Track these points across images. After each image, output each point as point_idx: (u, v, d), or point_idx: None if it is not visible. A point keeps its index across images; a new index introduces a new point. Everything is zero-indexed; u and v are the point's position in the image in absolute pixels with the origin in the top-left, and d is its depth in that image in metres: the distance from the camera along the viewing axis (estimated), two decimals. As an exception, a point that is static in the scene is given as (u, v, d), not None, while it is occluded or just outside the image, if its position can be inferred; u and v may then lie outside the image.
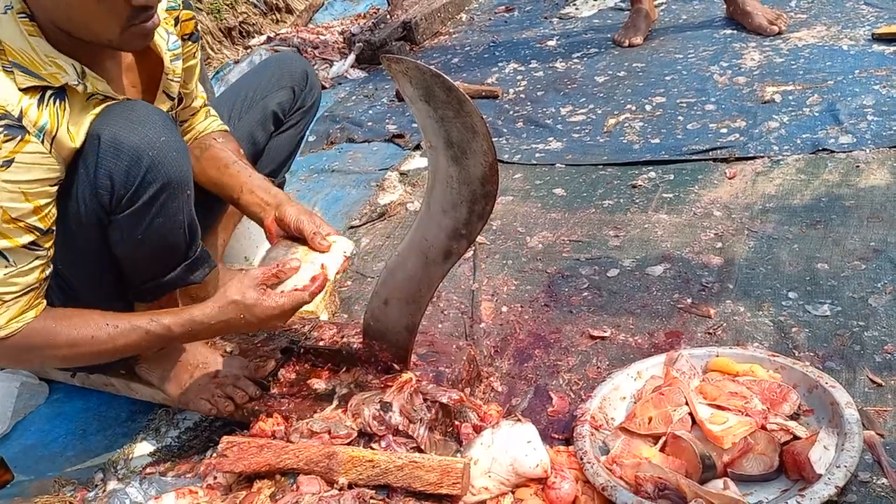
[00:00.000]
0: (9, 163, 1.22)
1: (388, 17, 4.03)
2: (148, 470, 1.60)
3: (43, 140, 1.26)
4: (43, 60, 1.27)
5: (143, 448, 1.68)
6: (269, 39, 4.42)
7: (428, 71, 1.12)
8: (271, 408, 1.55)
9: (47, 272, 1.36)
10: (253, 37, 4.69)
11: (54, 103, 1.28)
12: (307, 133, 2.07)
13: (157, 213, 1.40)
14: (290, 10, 5.01)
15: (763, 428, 1.29)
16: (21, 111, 1.23)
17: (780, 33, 2.97)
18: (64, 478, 1.66)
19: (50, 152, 1.28)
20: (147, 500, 1.41)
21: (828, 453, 1.22)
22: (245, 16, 4.77)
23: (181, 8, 1.56)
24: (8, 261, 1.28)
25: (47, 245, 1.33)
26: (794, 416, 1.34)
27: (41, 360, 1.45)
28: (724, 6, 3.22)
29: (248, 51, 4.37)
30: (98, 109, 1.35)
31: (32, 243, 1.30)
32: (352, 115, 3.25)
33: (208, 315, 1.38)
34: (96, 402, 1.86)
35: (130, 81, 1.48)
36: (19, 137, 1.23)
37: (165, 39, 1.50)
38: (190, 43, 1.61)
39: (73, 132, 1.31)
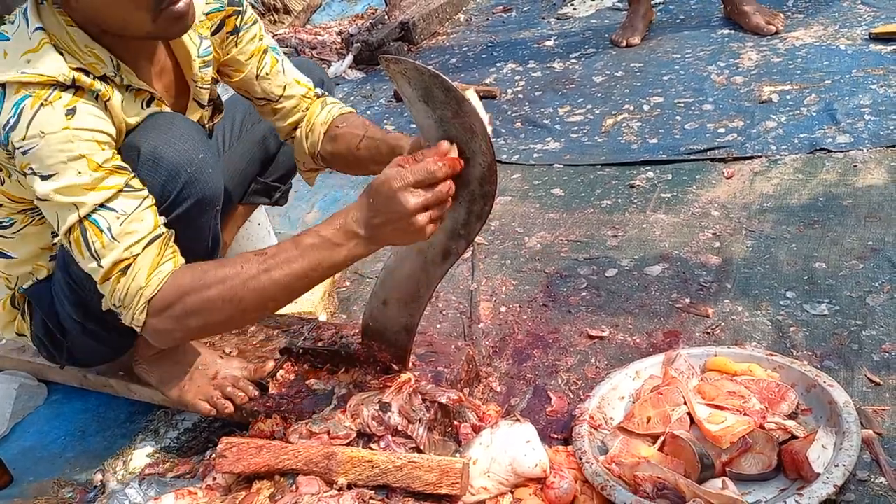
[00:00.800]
0: (73, 111, 1.21)
1: (386, 17, 4.03)
2: (147, 471, 1.60)
3: (97, 100, 1.26)
4: (82, 50, 1.27)
5: (142, 449, 1.68)
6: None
7: (426, 71, 1.12)
8: (270, 408, 1.55)
9: (161, 219, 1.30)
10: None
11: (99, 84, 1.27)
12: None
13: (186, 226, 1.38)
14: (287, 11, 5.01)
15: (761, 427, 1.29)
16: (73, 79, 1.22)
17: (777, 33, 2.97)
18: (63, 479, 1.66)
19: (105, 110, 1.27)
20: (146, 501, 1.41)
21: (826, 452, 1.22)
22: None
23: (225, 6, 1.53)
24: (116, 211, 1.23)
25: (142, 187, 1.28)
26: (793, 416, 1.34)
27: (198, 312, 1.26)
28: (722, 6, 3.23)
29: None
30: (142, 103, 1.35)
31: (127, 186, 1.25)
32: (350, 115, 3.25)
33: (348, 209, 1.22)
34: (95, 403, 1.86)
35: (164, 86, 1.47)
36: (73, 91, 1.22)
37: (197, 45, 1.48)
38: (232, 37, 1.56)
39: (126, 116, 1.31)
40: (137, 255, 1.24)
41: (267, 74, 1.61)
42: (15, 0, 1.34)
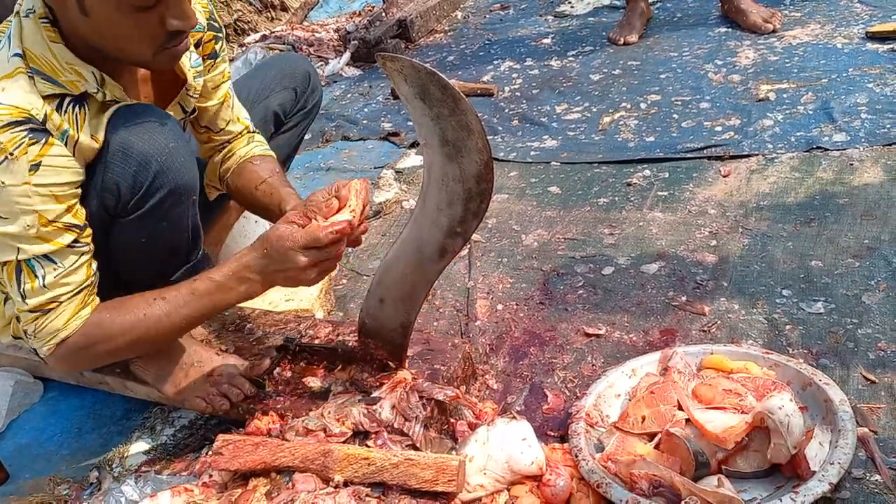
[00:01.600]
0: (37, 166, 1.22)
1: (384, 14, 4.02)
2: (143, 468, 1.60)
3: (66, 143, 1.27)
4: (63, 67, 1.28)
5: (138, 446, 1.68)
6: (265, 37, 4.41)
7: (423, 69, 1.12)
8: (267, 406, 1.55)
9: (94, 266, 1.36)
10: (248, 34, 4.68)
11: (73, 110, 1.28)
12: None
13: (162, 217, 1.40)
14: (285, 8, 5.00)
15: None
16: (45, 115, 1.24)
17: (774, 31, 2.98)
18: (59, 476, 1.66)
19: (73, 155, 1.29)
20: (142, 499, 1.41)
21: (822, 450, 1.23)
22: (240, 13, 4.76)
23: (205, 30, 1.57)
24: (55, 263, 1.29)
25: (87, 240, 1.33)
26: (788, 414, 1.34)
27: (103, 355, 1.41)
28: (719, 4, 3.23)
29: (243, 49, 4.36)
30: (110, 112, 1.35)
31: (74, 241, 1.30)
32: (347, 112, 3.25)
33: (244, 253, 1.35)
34: (91, 400, 1.85)
35: (144, 93, 1.48)
36: (44, 140, 1.23)
37: (188, 57, 1.51)
38: (208, 60, 1.60)
39: (96, 136, 1.33)
40: (62, 302, 1.31)
41: (219, 108, 1.66)
42: None
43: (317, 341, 1.65)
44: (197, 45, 1.56)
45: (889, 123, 2.21)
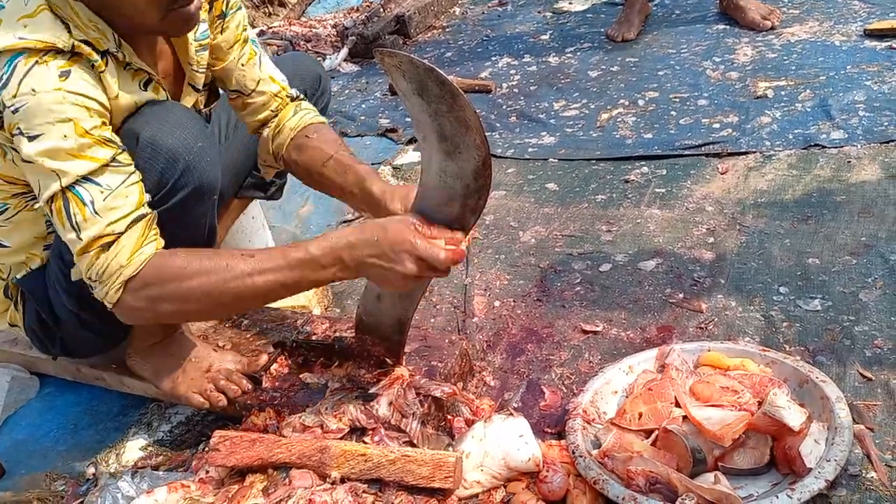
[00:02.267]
0: (67, 73, 1.20)
1: (382, 10, 4.02)
2: (140, 464, 1.60)
3: (93, 69, 1.25)
4: (86, 24, 1.25)
5: (134, 442, 1.68)
6: (262, 33, 4.40)
7: (421, 65, 1.12)
8: (264, 402, 1.55)
9: (147, 197, 1.30)
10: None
11: (102, 58, 1.26)
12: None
13: (183, 215, 1.38)
14: (282, 4, 4.98)
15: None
16: (72, 45, 1.21)
17: (773, 28, 2.98)
18: (55, 472, 1.65)
19: (99, 83, 1.26)
20: (139, 495, 1.41)
21: (818, 447, 1.23)
22: (237, 9, 4.74)
23: None
24: (100, 185, 1.22)
25: (129, 163, 1.27)
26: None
27: (176, 298, 1.28)
28: (717, 1, 3.22)
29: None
30: (137, 82, 1.33)
31: (113, 159, 1.24)
32: (345, 109, 3.24)
33: (347, 233, 1.27)
34: (88, 396, 1.85)
35: (163, 68, 1.46)
36: (70, 56, 1.21)
37: (195, 30, 1.46)
38: (219, 21, 1.54)
39: (121, 92, 1.30)
40: (120, 233, 1.24)
41: (243, 66, 1.59)
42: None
43: (314, 338, 1.65)
44: (210, 6, 1.51)
45: (886, 121, 2.21)
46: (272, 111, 1.63)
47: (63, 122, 1.19)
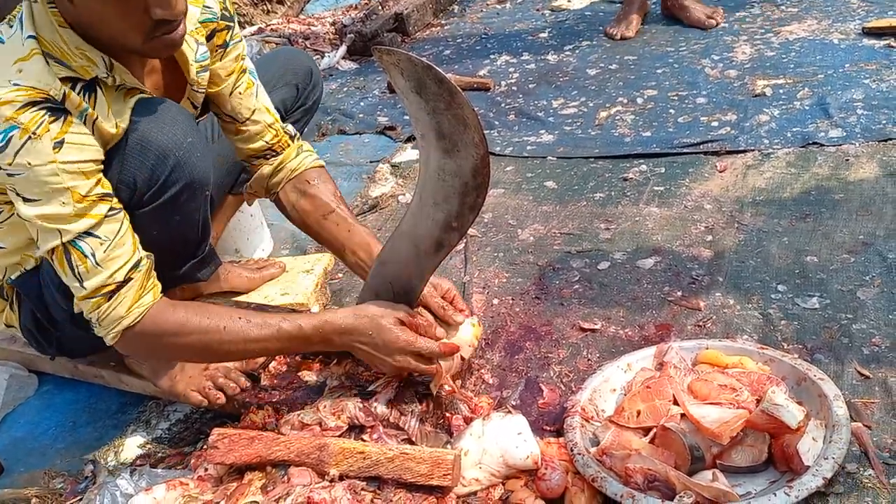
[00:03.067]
0: (60, 144, 1.22)
1: (380, 8, 4.02)
2: (138, 462, 1.60)
3: (85, 122, 1.26)
4: (73, 52, 1.26)
5: (133, 440, 1.68)
6: (261, 30, 4.40)
7: (419, 63, 1.12)
8: (262, 400, 1.55)
9: (136, 236, 1.34)
10: (244, 27, 4.66)
11: (86, 95, 1.27)
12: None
13: (175, 211, 1.40)
14: (280, 1, 4.98)
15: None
16: (63, 94, 1.23)
17: (717, 26, 3.08)
18: (54, 470, 1.65)
19: (92, 134, 1.28)
20: (137, 492, 1.41)
21: (816, 445, 1.23)
22: (236, 6, 4.74)
23: (218, 20, 1.53)
24: (100, 238, 1.27)
25: (119, 206, 1.31)
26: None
27: (169, 348, 1.41)
28: (661, 5, 3.31)
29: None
30: (132, 101, 1.35)
31: (110, 210, 1.28)
32: (343, 106, 3.24)
33: (340, 318, 1.39)
34: (86, 394, 1.85)
35: (154, 83, 1.47)
36: (63, 118, 1.23)
37: (194, 50, 1.48)
38: (220, 50, 1.56)
39: (119, 123, 1.32)
40: (120, 282, 1.29)
41: (240, 94, 1.61)
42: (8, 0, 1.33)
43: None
44: (210, 37, 1.53)
45: (885, 119, 2.21)
46: (266, 142, 1.64)
47: (60, 192, 1.23)
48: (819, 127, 2.27)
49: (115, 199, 1.31)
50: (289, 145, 1.67)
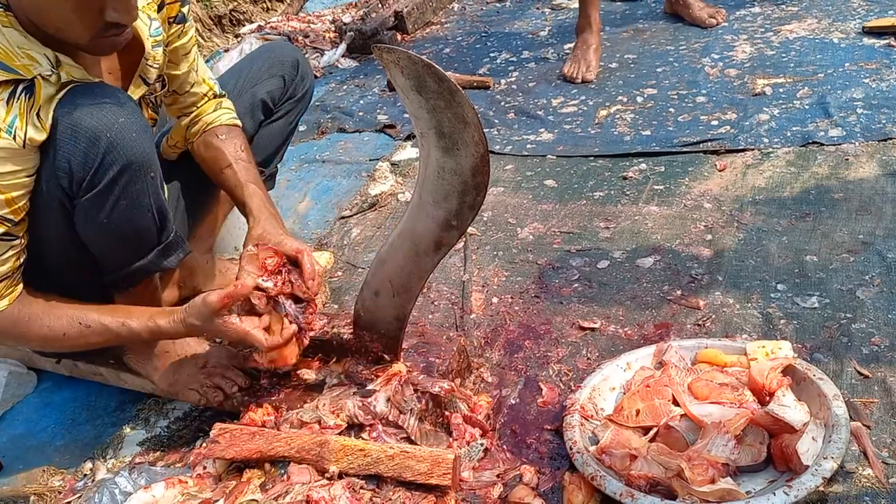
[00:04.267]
0: None
1: (380, 6, 4.01)
2: (137, 459, 1.60)
3: (14, 135, 1.25)
4: (16, 52, 1.26)
5: (132, 438, 1.68)
6: (260, 28, 4.39)
7: (419, 61, 1.12)
8: (261, 398, 1.55)
9: (21, 260, 1.38)
10: (243, 25, 4.66)
11: (24, 96, 1.26)
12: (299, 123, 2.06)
13: (119, 195, 1.37)
14: (280, -1, 4.98)
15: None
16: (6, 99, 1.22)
17: (718, 25, 3.08)
18: (53, 467, 1.65)
19: (23, 146, 1.27)
20: (136, 490, 1.41)
21: (815, 445, 1.23)
22: (235, 4, 4.73)
23: None
24: None
25: (20, 234, 1.35)
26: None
27: (14, 343, 1.55)
28: (663, 4, 3.31)
29: (238, 39, 4.34)
30: (59, 95, 1.33)
31: (5, 234, 1.31)
32: (343, 104, 3.24)
33: (172, 328, 1.44)
34: (85, 391, 1.85)
35: (108, 67, 1.47)
36: None
37: (148, 25, 1.49)
38: (176, 25, 1.59)
39: (43, 119, 1.30)
40: None
41: (187, 70, 1.66)
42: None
43: (312, 334, 1.64)
44: (160, 7, 1.54)
45: (885, 119, 2.21)
46: (194, 104, 1.72)
47: None
48: (819, 126, 2.27)
49: (20, 228, 1.34)
50: (210, 101, 1.72)
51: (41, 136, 1.29)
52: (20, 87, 1.26)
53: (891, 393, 1.38)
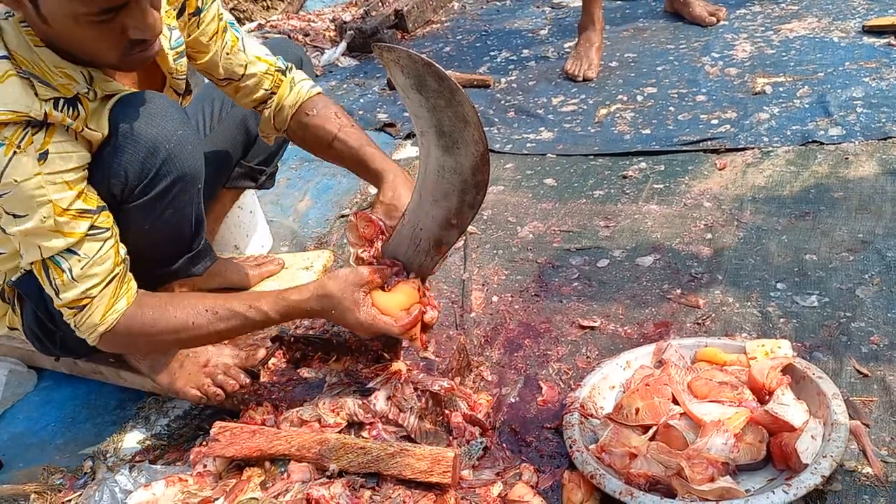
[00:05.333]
0: (45, 155, 1.22)
1: (380, 4, 4.01)
2: (137, 458, 1.60)
3: (69, 131, 1.26)
4: (52, 71, 1.26)
5: (132, 436, 1.68)
6: (260, 26, 4.39)
7: (420, 60, 1.12)
8: (261, 396, 1.55)
9: (122, 253, 1.36)
10: (243, 24, 4.66)
11: (69, 110, 1.27)
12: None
13: (167, 205, 1.41)
14: (280, -3, 4.97)
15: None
16: (45, 113, 1.22)
17: (718, 22, 3.09)
18: (53, 466, 1.65)
19: (77, 140, 1.28)
20: (136, 488, 1.41)
21: (814, 443, 1.23)
22: (236, 2, 4.73)
23: None
24: (78, 255, 1.29)
25: (106, 224, 1.33)
26: (782, 406, 1.35)
27: (146, 346, 1.49)
28: (664, 4, 3.32)
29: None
30: (111, 102, 1.34)
31: (91, 228, 1.30)
32: (343, 103, 3.22)
33: (305, 302, 1.38)
34: (85, 390, 1.85)
35: (132, 79, 1.46)
36: (45, 129, 1.23)
37: (168, 37, 1.47)
38: (195, 17, 1.54)
39: (100, 128, 1.32)
40: (94, 297, 1.32)
41: (228, 54, 1.60)
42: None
43: (312, 332, 1.65)
44: (181, 11, 1.51)
45: (884, 118, 2.21)
46: (266, 90, 1.64)
47: (43, 205, 1.24)
48: (819, 125, 2.27)
49: (101, 217, 1.31)
50: (282, 82, 1.65)
51: (98, 137, 1.31)
52: (61, 103, 1.26)
53: (890, 391, 1.38)
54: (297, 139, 1.68)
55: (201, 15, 1.56)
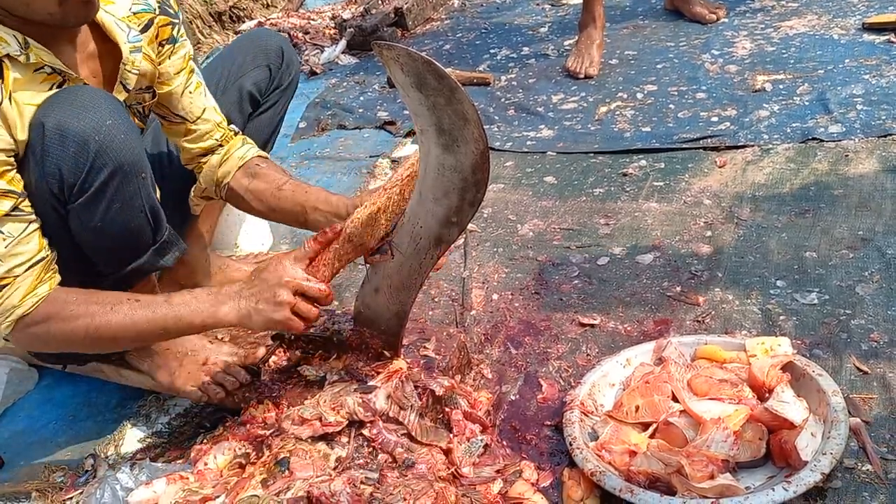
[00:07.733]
0: None
1: (380, 2, 4.01)
2: (138, 456, 1.61)
3: None
4: None
5: (133, 434, 1.68)
6: (260, 24, 4.39)
7: (419, 57, 1.12)
8: (262, 394, 1.55)
9: (45, 240, 1.34)
10: (243, 21, 4.65)
11: None
12: (287, 113, 2.02)
13: (112, 198, 1.37)
14: (280, -5, 4.97)
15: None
16: None
17: (717, 21, 3.09)
18: (54, 464, 1.66)
19: (6, 119, 1.26)
20: (137, 486, 1.41)
21: (814, 440, 1.23)
22: (236, 0, 4.73)
23: (157, 13, 1.52)
24: (3, 233, 1.27)
25: (29, 209, 1.31)
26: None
27: (62, 338, 1.37)
28: (663, 2, 3.32)
29: (238, 36, 4.33)
30: (47, 86, 1.32)
31: (14, 209, 1.28)
32: (343, 101, 3.24)
33: (227, 316, 1.37)
34: (86, 388, 1.85)
35: (91, 71, 1.45)
36: None
37: (126, 32, 1.46)
38: (168, 46, 1.56)
39: (20, 103, 1.29)
40: (17, 276, 1.30)
41: (191, 93, 1.61)
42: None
43: (312, 330, 1.64)
44: (147, 27, 1.51)
45: (885, 115, 2.21)
46: (216, 140, 1.65)
47: None
48: (819, 122, 2.27)
49: (24, 201, 1.30)
50: (233, 138, 1.68)
51: (14, 117, 1.29)
52: None
53: (890, 389, 1.38)
54: (240, 188, 1.66)
55: (175, 45, 1.57)
